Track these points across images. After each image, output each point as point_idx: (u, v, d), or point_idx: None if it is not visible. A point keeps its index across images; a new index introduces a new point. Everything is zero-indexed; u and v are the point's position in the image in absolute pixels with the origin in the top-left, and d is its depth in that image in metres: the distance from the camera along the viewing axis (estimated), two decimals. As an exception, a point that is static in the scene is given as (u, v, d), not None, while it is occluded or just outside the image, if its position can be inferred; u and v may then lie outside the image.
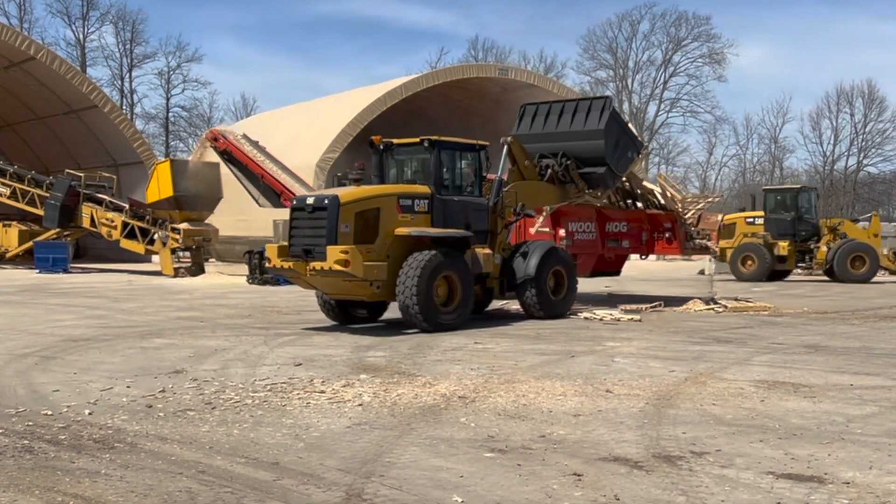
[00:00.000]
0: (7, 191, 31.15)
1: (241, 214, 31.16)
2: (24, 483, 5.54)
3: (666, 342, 12.64)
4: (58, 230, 30.41)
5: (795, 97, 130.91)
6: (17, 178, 31.26)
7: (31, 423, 7.16)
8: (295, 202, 14.39)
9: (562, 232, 18.20)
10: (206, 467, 5.94)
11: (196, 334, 13.12)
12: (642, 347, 12.00)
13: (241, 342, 12.20)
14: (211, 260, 31.17)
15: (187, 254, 27.98)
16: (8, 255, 31.49)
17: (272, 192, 24.59)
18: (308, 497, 5.33)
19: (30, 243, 30.74)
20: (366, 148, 15.86)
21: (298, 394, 8.48)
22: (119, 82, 73.96)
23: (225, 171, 26.65)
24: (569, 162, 17.24)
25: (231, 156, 25.09)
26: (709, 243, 21.63)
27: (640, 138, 20.97)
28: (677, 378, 9.49)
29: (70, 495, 5.30)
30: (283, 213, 27.22)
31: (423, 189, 14.53)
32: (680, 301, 18.85)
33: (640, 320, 15.41)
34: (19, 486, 5.47)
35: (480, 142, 15.64)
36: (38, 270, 28.87)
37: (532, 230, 18.07)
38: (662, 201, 20.60)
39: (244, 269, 25.84)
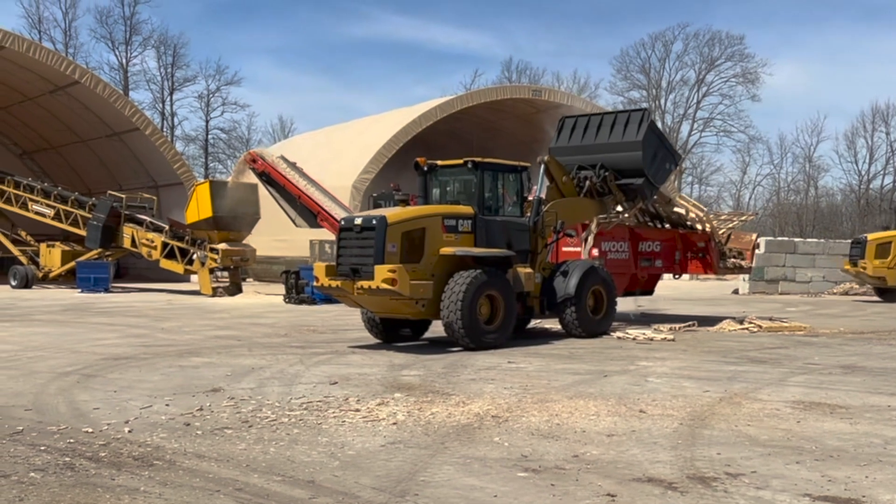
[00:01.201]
0: (51, 212, 31.62)
1: (278, 235, 31.39)
2: (66, 500, 5.60)
3: (700, 362, 12.52)
4: (99, 250, 30.79)
5: (830, 116, 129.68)
6: (60, 199, 31.73)
7: (72, 441, 7.24)
8: (343, 223, 14.54)
9: (595, 251, 18.14)
10: (243, 485, 5.96)
11: (233, 353, 13.21)
12: (676, 367, 11.90)
13: (278, 361, 12.25)
14: (248, 279, 31.39)
15: (225, 273, 28.18)
16: (51, 274, 31.92)
17: (309, 213, 24.76)
18: (343, 516, 5.33)
19: (72, 263, 31.13)
20: (401, 169, 15.98)
21: (334, 412, 8.50)
22: (160, 105, 74.95)
23: (263, 191, 26.88)
24: (607, 173, 17.20)
25: (269, 177, 25.32)
26: (743, 263, 21.40)
27: (677, 151, 20.91)
28: (712, 398, 9.38)
29: (110, 512, 5.34)
30: (320, 234, 27.47)
31: (467, 209, 14.63)
32: (713, 321, 18.67)
33: (673, 340, 15.29)
34: (60, 503, 5.53)
35: (522, 163, 15.73)
36: (80, 290, 29.23)
37: (566, 249, 18.10)
38: (698, 225, 20.39)
39: (281, 288, 25.99)
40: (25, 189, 32.37)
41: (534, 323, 16.99)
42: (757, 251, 28.89)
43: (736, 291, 34.00)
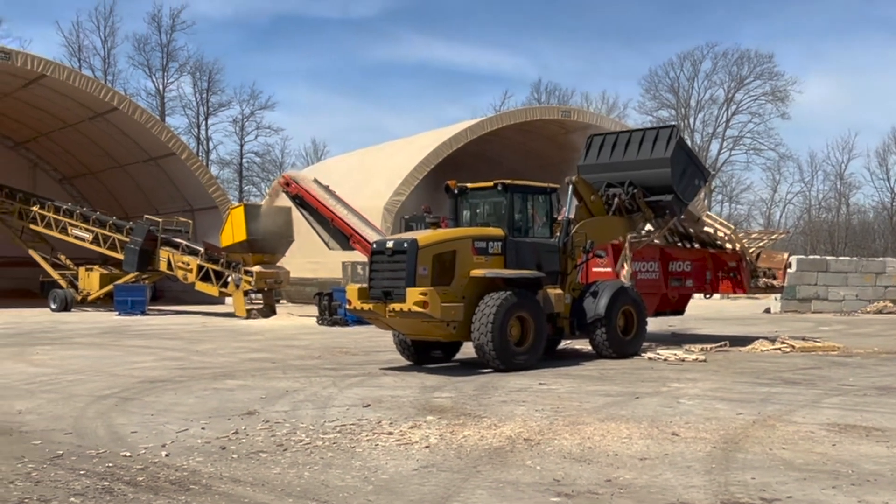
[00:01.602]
0: (90, 236, 32.01)
1: (311, 257, 31.52)
2: (104, 524, 5.63)
3: (732, 383, 12.38)
4: (136, 274, 31.10)
5: (861, 133, 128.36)
6: (99, 223, 32.13)
7: (110, 465, 7.29)
8: (375, 246, 14.60)
9: (625, 271, 18.04)
10: (278, 510, 5.96)
11: (268, 375, 13.25)
12: (708, 389, 11.77)
13: (312, 383, 12.28)
14: (282, 301, 31.51)
15: (259, 296, 28.33)
16: (90, 297, 32.27)
17: (342, 235, 24.85)
18: (376, 541, 5.31)
19: (110, 286, 31.45)
20: (432, 190, 16.03)
21: (367, 435, 8.49)
22: (196, 130, 75.83)
23: (296, 214, 27.02)
24: (635, 190, 17.12)
25: (302, 200, 25.47)
26: (774, 282, 21.16)
27: (707, 168, 20.78)
28: (745, 421, 9.27)
29: (147, 537, 5.36)
30: (353, 256, 27.55)
31: (497, 231, 14.63)
32: (745, 341, 18.46)
33: (705, 361, 15.14)
34: (99, 528, 5.56)
35: (551, 184, 15.72)
36: (117, 313, 29.51)
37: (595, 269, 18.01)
38: (727, 244, 20.21)
39: (314, 310, 26.08)
40: (65, 214, 32.83)
41: (564, 344, 16.90)
42: (789, 270, 28.54)
43: (768, 311, 33.63)
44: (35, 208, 33.29)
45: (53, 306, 31.59)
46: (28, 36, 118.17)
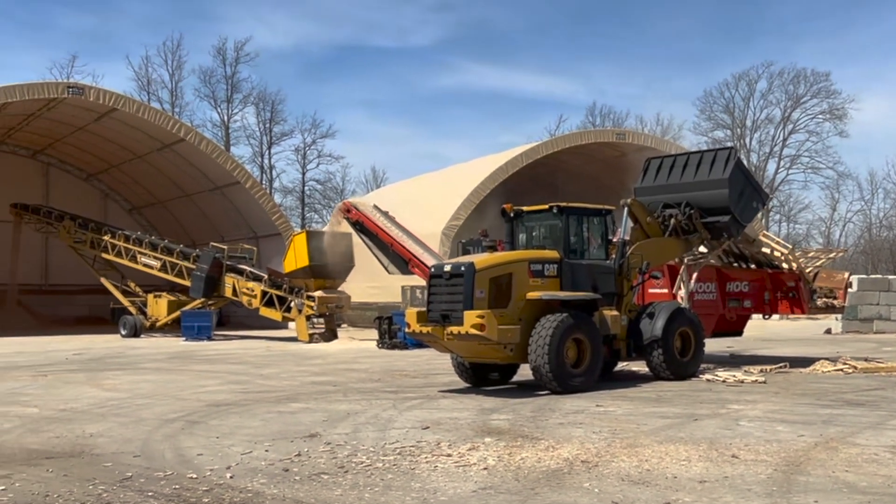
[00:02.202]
0: (158, 264, 32.66)
1: (371, 281, 31.72)
2: (171, 545, 5.70)
3: (793, 405, 12.10)
4: (203, 300, 31.60)
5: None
6: (166, 251, 32.77)
7: (177, 487, 7.39)
8: (433, 270, 14.66)
9: (683, 290, 17.81)
10: (338, 532, 5.97)
11: (329, 398, 13.33)
12: (768, 410, 11.53)
13: (372, 406, 12.32)
14: (343, 325, 31.72)
15: (321, 320, 28.56)
16: (158, 323, 32.85)
17: (401, 260, 24.98)
18: (435, 563, 5.29)
19: (177, 313, 32.00)
20: (488, 214, 16.03)
21: (426, 457, 8.48)
22: (259, 159, 76.99)
23: (356, 239, 27.26)
24: (692, 211, 16.91)
25: (363, 226, 25.69)
26: (835, 302, 20.68)
27: (765, 190, 20.46)
28: (806, 443, 9.05)
29: (212, 558, 5.41)
30: (412, 280, 27.66)
31: (553, 254, 14.58)
32: (806, 362, 18.06)
33: (764, 382, 14.83)
34: (166, 548, 5.63)
35: (606, 206, 15.64)
36: (184, 338, 29.98)
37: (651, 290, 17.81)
38: (784, 264, 19.82)
39: (374, 333, 26.20)
40: (134, 242, 33.57)
41: (621, 366, 16.71)
42: (849, 290, 27.88)
43: (828, 331, 32.87)
44: (106, 237, 34.08)
45: (123, 332, 32.24)
46: (100, 71, 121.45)
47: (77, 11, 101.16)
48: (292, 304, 28.73)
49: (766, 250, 19.95)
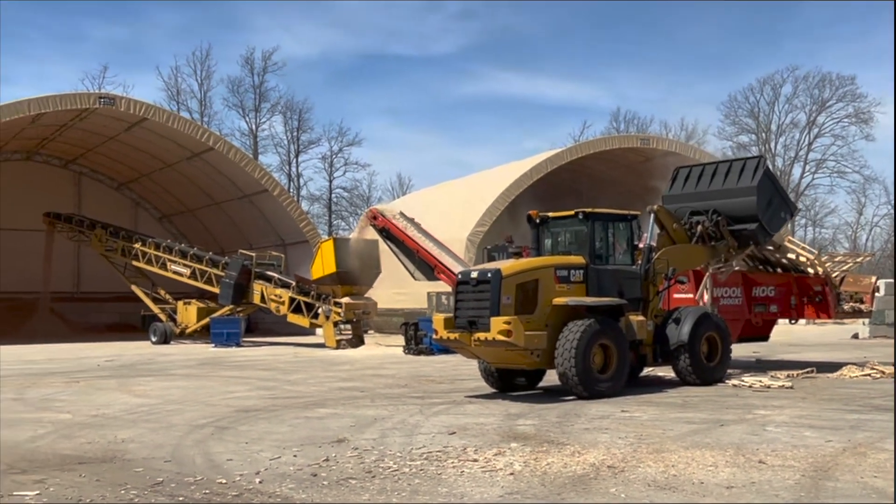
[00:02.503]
0: (187, 271, 32.92)
1: (398, 287, 31.75)
2: (201, 549, 5.73)
3: (820, 410, 11.98)
4: (231, 307, 31.80)
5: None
6: (196, 259, 33.03)
7: (207, 492, 7.43)
8: (460, 276, 14.71)
9: (706, 297, 17.69)
10: (366, 536, 5.98)
11: (356, 404, 13.37)
12: (795, 416, 11.42)
13: (399, 411, 12.34)
14: (370, 332, 31.80)
15: (348, 326, 28.63)
16: (188, 330, 33.09)
17: (427, 266, 24.99)
18: (462, 568, 5.28)
19: (206, 319, 32.21)
20: (513, 220, 16.03)
21: (453, 462, 8.48)
22: (287, 167, 77.35)
23: (383, 246, 27.31)
24: (719, 218, 16.81)
25: (389, 232, 25.74)
26: (862, 306, 20.45)
27: (793, 201, 20.28)
28: (834, 448, 8.95)
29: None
30: (437, 286, 27.68)
31: (578, 259, 14.56)
32: (833, 367, 17.87)
33: (791, 387, 14.70)
34: (196, 553, 5.66)
35: (631, 211, 15.60)
36: (213, 345, 30.17)
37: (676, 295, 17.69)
38: (809, 269, 19.64)
39: (400, 339, 26.23)
40: (164, 250, 33.87)
41: (646, 371, 16.62)
42: (877, 294, 27.54)
43: (856, 336, 32.50)
44: (137, 245, 34.42)
45: (153, 339, 32.50)
46: (131, 82, 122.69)
47: (108, 23, 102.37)
48: (320, 310, 28.84)
49: (792, 256, 19.79)
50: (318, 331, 30.67)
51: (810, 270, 19.57)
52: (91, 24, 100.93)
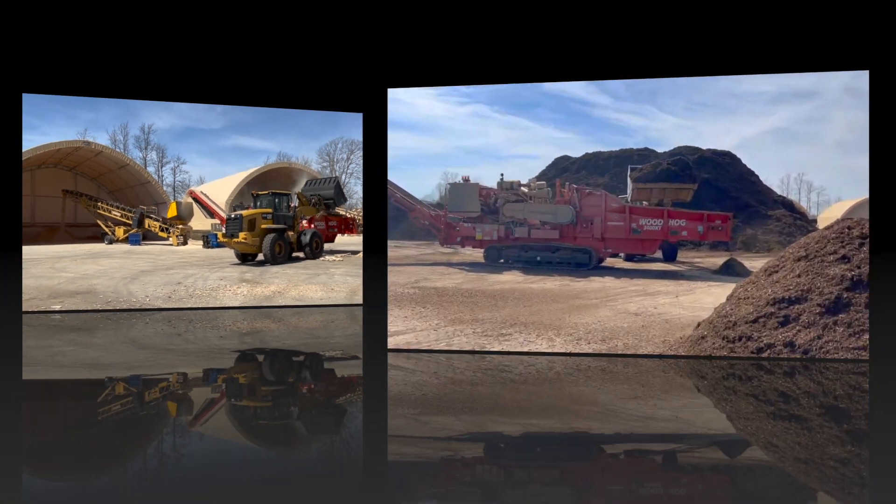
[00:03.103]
0: (119, 213, 25.77)
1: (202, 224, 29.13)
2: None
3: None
4: (136, 228, 27.31)
5: None
6: (122, 209, 27.93)
7: (125, 303, 7.86)
8: (228, 216, 14.86)
9: (311, 226, 15.61)
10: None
11: (193, 270, 13.05)
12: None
13: (202, 269, 12.42)
14: (189, 239, 26.47)
15: (181, 237, 24.39)
16: (118, 239, 26.59)
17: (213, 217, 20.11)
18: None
19: (126, 235, 28.19)
20: (250, 193, 16.92)
21: (222, 292, 8.90)
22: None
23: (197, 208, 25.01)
24: (318, 197, 16.10)
25: (199, 201, 21.70)
26: None
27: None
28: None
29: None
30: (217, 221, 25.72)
31: (269, 210, 15.11)
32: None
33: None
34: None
35: (287, 191, 15.66)
36: (129, 244, 24.41)
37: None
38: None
39: (201, 243, 19.26)
40: (111, 206, 29.11)
41: (295, 254, 15.09)
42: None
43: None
44: (101, 204, 29.49)
45: (105, 242, 27.29)
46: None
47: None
48: (170, 229, 29.54)
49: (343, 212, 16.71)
50: (170, 239, 31.00)
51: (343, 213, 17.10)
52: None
